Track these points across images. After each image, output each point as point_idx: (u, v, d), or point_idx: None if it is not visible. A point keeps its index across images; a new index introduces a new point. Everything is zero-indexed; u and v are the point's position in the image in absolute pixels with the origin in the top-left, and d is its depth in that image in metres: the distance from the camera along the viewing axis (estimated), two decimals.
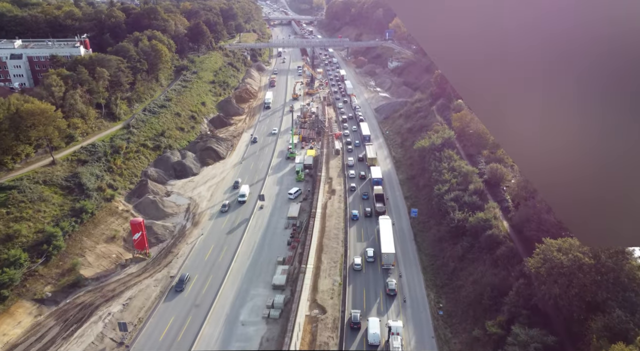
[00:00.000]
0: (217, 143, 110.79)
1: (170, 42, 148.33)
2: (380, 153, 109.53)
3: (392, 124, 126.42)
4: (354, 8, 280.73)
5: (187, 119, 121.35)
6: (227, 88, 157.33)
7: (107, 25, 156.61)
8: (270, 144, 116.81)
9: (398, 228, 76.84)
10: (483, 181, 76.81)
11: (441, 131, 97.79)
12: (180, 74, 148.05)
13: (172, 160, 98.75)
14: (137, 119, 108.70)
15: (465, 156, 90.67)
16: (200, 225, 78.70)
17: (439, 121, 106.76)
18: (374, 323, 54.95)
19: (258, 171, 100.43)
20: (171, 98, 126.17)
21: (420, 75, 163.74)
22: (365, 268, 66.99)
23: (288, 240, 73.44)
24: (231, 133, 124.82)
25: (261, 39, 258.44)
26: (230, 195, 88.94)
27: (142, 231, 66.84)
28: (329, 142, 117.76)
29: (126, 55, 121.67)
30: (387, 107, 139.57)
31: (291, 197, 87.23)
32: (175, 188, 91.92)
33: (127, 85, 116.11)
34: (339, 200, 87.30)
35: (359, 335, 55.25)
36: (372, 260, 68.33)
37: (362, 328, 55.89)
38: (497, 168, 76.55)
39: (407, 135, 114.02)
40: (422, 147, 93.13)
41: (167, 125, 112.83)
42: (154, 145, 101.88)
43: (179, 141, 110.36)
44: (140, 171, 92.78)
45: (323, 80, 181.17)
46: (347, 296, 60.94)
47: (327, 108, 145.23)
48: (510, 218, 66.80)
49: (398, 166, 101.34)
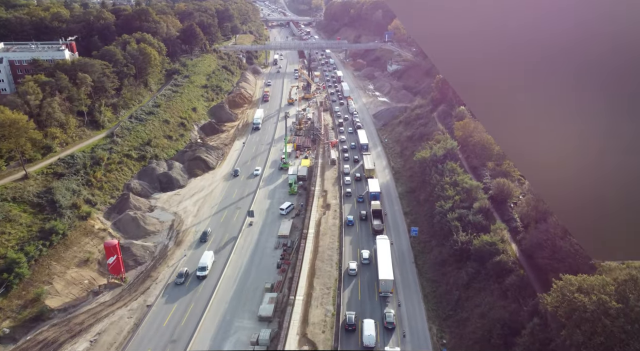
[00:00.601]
0: (206, 153, 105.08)
1: (161, 45, 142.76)
2: (378, 163, 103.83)
3: (391, 132, 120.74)
4: (353, 9, 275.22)
5: (176, 126, 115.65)
6: (221, 93, 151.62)
7: (96, 27, 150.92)
8: (263, 153, 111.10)
9: (397, 248, 71.17)
10: (489, 197, 71.13)
11: (443, 141, 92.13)
12: (171, 78, 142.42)
13: (157, 171, 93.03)
14: (122, 127, 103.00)
15: (469, 168, 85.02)
16: (183, 244, 72.98)
17: (440, 129, 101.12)
18: (369, 324, 53.97)
19: (249, 183, 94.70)
20: (160, 104, 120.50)
21: (420, 78, 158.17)
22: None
23: (278, 262, 67.72)
24: (223, 140, 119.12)
25: (258, 40, 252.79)
26: (218, 211, 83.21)
27: (117, 254, 61.12)
28: (324, 150, 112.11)
29: (112, 60, 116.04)
30: (386, 112, 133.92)
31: (283, 212, 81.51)
32: (160, 202, 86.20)
33: (113, 91, 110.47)
34: (334, 216, 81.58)
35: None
36: (367, 262, 68.04)
37: (356, 329, 54.82)
38: (504, 183, 70.87)
39: (406, 143, 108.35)
40: (423, 158, 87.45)
41: (154, 133, 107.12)
42: (138, 155, 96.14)
43: (167, 150, 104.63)
44: (123, 184, 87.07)
45: (320, 83, 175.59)
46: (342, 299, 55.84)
47: (323, 114, 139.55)
48: (519, 240, 61.11)
49: (397, 178, 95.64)
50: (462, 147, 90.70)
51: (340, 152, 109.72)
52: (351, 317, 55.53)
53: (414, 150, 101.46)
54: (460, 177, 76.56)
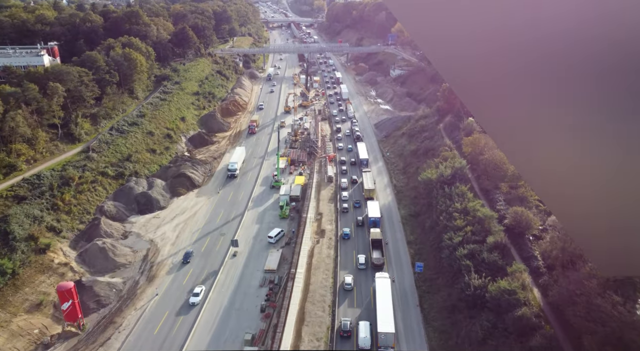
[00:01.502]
0: (192, 168, 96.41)
1: (149, 50, 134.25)
2: (379, 180, 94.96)
3: (393, 144, 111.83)
4: (355, 10, 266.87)
5: (161, 138, 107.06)
6: (213, 100, 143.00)
7: (82, 30, 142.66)
8: (254, 168, 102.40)
9: (399, 287, 62.27)
10: (504, 229, 62.17)
11: (450, 158, 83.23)
12: (161, 85, 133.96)
13: (135, 191, 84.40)
14: (100, 141, 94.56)
15: (480, 191, 76.09)
16: (156, 280, 64.29)
17: (447, 145, 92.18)
18: (364, 326, 53.27)
19: (236, 204, 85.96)
20: (145, 114, 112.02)
21: (425, 85, 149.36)
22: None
23: (262, 304, 58.90)
24: (212, 153, 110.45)
25: (256, 43, 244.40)
26: (199, 238, 74.57)
27: (72, 299, 52.50)
28: (321, 165, 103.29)
29: (93, 66, 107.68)
30: (389, 123, 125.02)
31: (272, 240, 72.73)
32: (136, 226, 77.60)
33: (92, 100, 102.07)
34: (329, 245, 72.77)
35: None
36: (363, 268, 65.90)
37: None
38: (522, 213, 61.87)
39: (410, 159, 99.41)
40: (429, 179, 78.51)
41: (135, 146, 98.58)
42: (116, 173, 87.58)
43: (149, 166, 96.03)
44: (96, 206, 78.55)
45: (320, 89, 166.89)
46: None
47: (321, 123, 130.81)
48: (542, 285, 52.16)
49: (400, 198, 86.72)
50: (472, 166, 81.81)
51: (338, 168, 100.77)
52: (346, 323, 54.56)
53: (418, 167, 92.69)
54: (471, 203, 67.61)
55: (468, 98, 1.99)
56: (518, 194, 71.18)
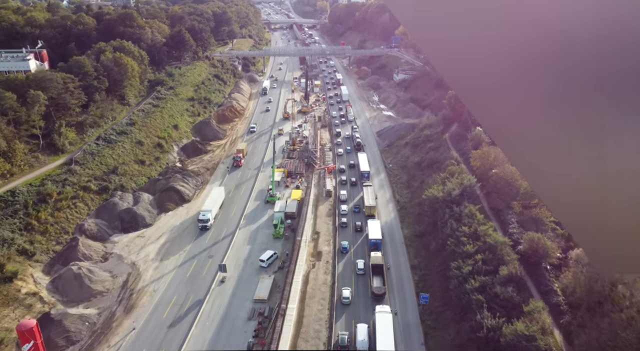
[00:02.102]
0: (183, 181, 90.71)
1: (142, 54, 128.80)
2: (381, 195, 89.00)
3: (396, 155, 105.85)
4: (358, 12, 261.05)
5: (151, 148, 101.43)
6: (209, 106, 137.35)
7: (74, 33, 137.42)
8: (249, 180, 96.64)
9: (402, 320, 56.29)
10: (519, 258, 56.16)
11: (457, 174, 77.18)
12: (154, 90, 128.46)
13: (119, 207, 78.75)
14: (85, 151, 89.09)
15: (490, 210, 70.10)
16: (135, 310, 58.57)
17: (454, 157, 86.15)
18: (362, 329, 52.26)
19: (228, 221, 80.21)
20: (135, 121, 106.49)
21: (430, 90, 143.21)
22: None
23: (250, 341, 53.01)
24: (205, 163, 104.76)
25: (257, 45, 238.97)
26: (185, 261, 68.85)
27: (34, 340, 46.77)
28: (320, 177, 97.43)
29: (80, 72, 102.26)
30: (391, 131, 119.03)
31: (263, 264, 66.89)
32: (119, 247, 71.98)
33: (78, 108, 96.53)
34: (325, 270, 66.87)
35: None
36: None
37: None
38: (539, 240, 55.85)
39: (414, 171, 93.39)
40: (434, 197, 72.51)
41: (123, 158, 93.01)
42: (99, 187, 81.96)
43: (136, 178, 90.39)
44: (75, 225, 72.98)
45: (320, 94, 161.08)
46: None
47: (322, 130, 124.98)
48: (565, 327, 46.13)
49: (403, 215, 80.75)
50: (481, 181, 75.85)
51: (337, 181, 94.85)
52: (344, 338, 51.99)
53: (422, 180, 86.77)
54: (482, 227, 61.57)
55: (473, 104, 1.90)
56: (532, 215, 65.20)
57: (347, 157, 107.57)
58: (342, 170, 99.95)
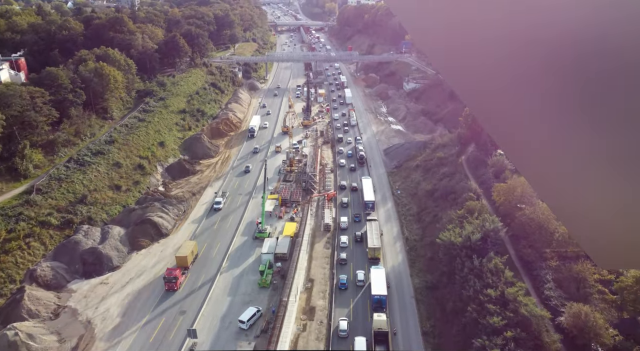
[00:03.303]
0: (162, 211, 79.69)
1: (129, 62, 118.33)
2: (387, 229, 77.28)
3: (405, 179, 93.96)
4: (368, 14, 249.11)
5: (130, 170, 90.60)
6: (203, 119, 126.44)
7: (58, 39, 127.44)
8: (238, 209, 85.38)
9: None
10: (561, 338, 44.19)
11: (477, 212, 65.14)
12: (142, 102, 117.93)
13: (82, 246, 67.88)
14: (52, 176, 78.59)
15: (518, 261, 58.17)
16: None
17: (473, 189, 74.10)
18: (360, 342, 50.69)
19: (208, 263, 68.98)
20: (115, 139, 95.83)
21: (442, 102, 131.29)
22: None
23: None
24: (192, 187, 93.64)
25: (261, 49, 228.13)
26: (151, 319, 57.61)
27: None
28: (318, 206, 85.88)
29: (53, 84, 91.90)
30: (401, 150, 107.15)
31: (243, 326, 55.44)
32: (75, 298, 61.04)
33: (47, 126, 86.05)
34: (318, 333, 55.29)
35: None
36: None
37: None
38: (587, 316, 43.78)
39: (426, 201, 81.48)
40: (450, 242, 60.60)
41: (95, 183, 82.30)
42: (62, 221, 71.23)
43: (108, 208, 79.53)
44: (26, 270, 62.22)
45: (324, 104, 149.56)
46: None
47: (323, 147, 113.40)
48: None
49: (413, 259, 68.93)
50: (505, 219, 64.00)
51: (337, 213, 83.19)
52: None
53: (435, 214, 75.06)
54: (511, 290, 49.51)
55: (477, 107, 1.81)
56: (572, 272, 53.08)
57: (350, 176, 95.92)
58: (343, 187, 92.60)
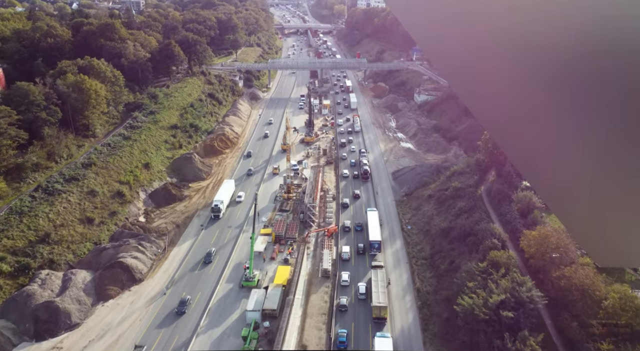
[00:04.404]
0: (137, 250, 69.64)
1: (116, 73, 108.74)
2: (396, 278, 66.46)
3: (416, 211, 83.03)
4: (377, 18, 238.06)
5: (106, 199, 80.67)
6: (196, 134, 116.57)
7: (42, 47, 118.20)
8: (226, 246, 75.09)
9: None
10: None
11: (504, 267, 54.13)
12: (130, 117, 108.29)
13: (35, 299, 57.89)
14: (13, 210, 68.96)
15: (558, 338, 47.08)
16: None
17: (496, 234, 62.92)
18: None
19: (185, 318, 58.70)
20: (93, 162, 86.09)
21: (457, 117, 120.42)
22: None
23: None
24: (177, 216, 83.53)
25: (265, 54, 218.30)
26: None
27: None
28: (316, 244, 75.29)
29: (24, 101, 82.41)
30: (411, 174, 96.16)
31: None
32: None
33: (13, 150, 76.51)
34: None
35: None
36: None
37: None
38: None
39: (441, 242, 70.60)
40: (471, 312, 49.66)
41: (64, 216, 72.48)
42: (17, 266, 61.43)
43: (76, 246, 69.61)
44: None
45: (329, 117, 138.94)
46: None
47: (326, 169, 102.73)
48: None
49: (426, 319, 58.07)
50: (536, 276, 53.08)
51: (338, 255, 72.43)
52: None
53: (452, 261, 64.28)
54: None
55: (475, 106, 1.82)
56: None
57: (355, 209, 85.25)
58: (345, 205, 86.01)
